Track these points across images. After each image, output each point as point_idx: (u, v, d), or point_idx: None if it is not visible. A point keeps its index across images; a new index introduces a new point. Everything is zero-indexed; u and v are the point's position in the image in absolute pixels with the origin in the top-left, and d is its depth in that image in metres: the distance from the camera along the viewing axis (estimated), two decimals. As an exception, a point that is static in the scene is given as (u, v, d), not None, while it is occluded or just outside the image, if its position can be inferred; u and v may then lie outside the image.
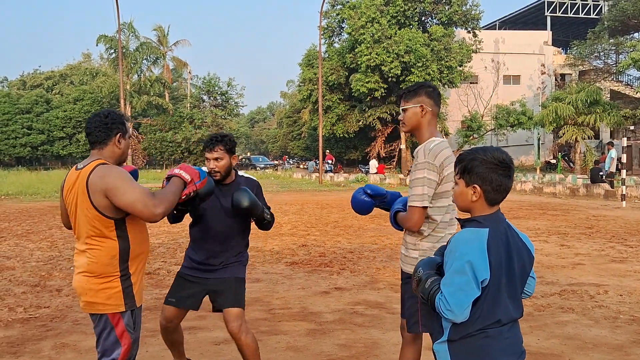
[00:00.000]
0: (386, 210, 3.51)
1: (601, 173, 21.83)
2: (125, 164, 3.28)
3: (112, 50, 49.29)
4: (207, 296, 3.89)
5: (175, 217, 3.80)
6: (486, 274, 2.09)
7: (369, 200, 3.48)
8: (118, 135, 3.02)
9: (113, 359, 3.00)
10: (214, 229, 3.80)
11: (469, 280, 2.07)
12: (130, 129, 3.02)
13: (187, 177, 3.06)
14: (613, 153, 21.35)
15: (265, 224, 3.89)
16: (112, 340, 2.98)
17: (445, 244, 3.12)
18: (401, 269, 3.33)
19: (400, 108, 3.33)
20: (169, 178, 3.09)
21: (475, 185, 2.21)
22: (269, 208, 3.91)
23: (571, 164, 34.38)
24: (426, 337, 5.00)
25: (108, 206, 2.84)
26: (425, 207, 3.10)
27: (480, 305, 2.12)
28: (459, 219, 2.37)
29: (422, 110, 3.24)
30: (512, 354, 2.18)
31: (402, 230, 3.32)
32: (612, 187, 20.49)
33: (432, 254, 2.85)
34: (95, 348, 3.09)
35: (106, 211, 2.85)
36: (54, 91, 62.69)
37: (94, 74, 57.73)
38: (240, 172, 4.00)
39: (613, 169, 21.43)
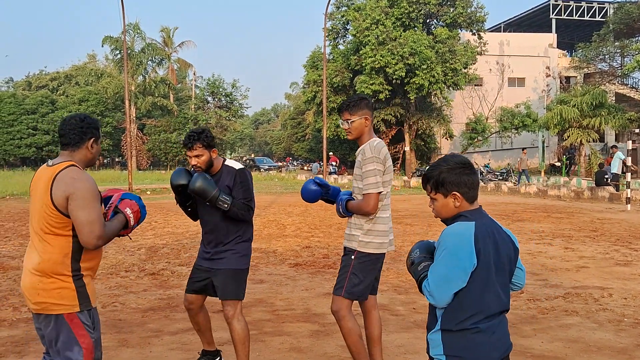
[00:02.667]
0: (328, 202, 4.11)
1: (606, 176, 21.77)
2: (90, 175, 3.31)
3: (117, 52, 49.35)
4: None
5: (192, 214, 4.25)
6: (473, 261, 2.24)
7: (318, 189, 4.04)
8: (92, 140, 3.05)
9: None
10: (204, 217, 4.12)
11: (453, 270, 2.24)
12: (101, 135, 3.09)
13: (132, 219, 3.11)
14: (620, 155, 21.26)
15: (231, 213, 3.94)
16: (71, 342, 2.87)
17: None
18: (345, 246, 3.92)
19: (345, 119, 3.88)
20: (115, 211, 3.10)
21: (455, 192, 2.37)
22: (247, 199, 4.00)
23: (571, 167, 34.29)
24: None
25: (67, 207, 2.86)
26: (379, 192, 3.72)
27: (472, 291, 2.26)
28: (443, 219, 2.49)
29: (366, 120, 3.87)
30: (501, 348, 2.32)
31: (350, 216, 3.88)
32: (617, 190, 20.43)
33: (368, 234, 3.75)
34: (46, 354, 2.98)
35: (65, 211, 2.86)
36: (59, 92, 62.79)
37: (99, 75, 57.84)
38: (228, 161, 4.14)
39: (619, 172, 21.34)
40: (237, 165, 4.09)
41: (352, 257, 3.78)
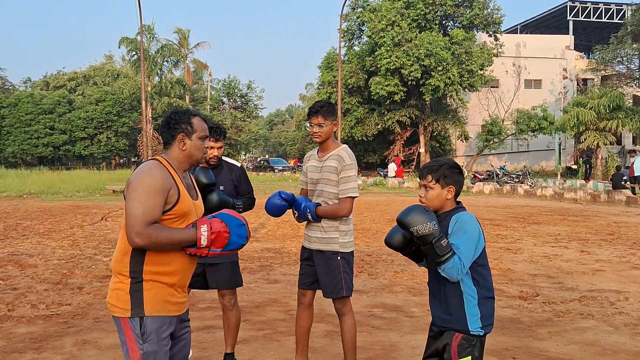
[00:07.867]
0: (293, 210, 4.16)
1: (624, 178, 21.53)
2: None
3: (134, 53, 49.71)
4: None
5: None
6: (483, 242, 2.74)
7: (284, 204, 4.07)
8: (180, 135, 2.80)
9: None
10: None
11: (474, 250, 2.68)
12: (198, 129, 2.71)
13: (204, 242, 2.61)
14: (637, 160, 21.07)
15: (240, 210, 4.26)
16: (125, 348, 2.70)
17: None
18: (320, 250, 4.07)
19: (317, 123, 3.97)
20: (194, 223, 2.69)
21: (452, 186, 2.80)
22: (250, 193, 4.48)
23: (589, 171, 33.97)
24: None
25: None
26: (355, 197, 4.00)
27: (486, 265, 2.75)
28: (437, 212, 2.85)
29: (335, 126, 4.06)
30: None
31: (317, 221, 4.02)
32: (634, 193, 20.22)
33: (346, 235, 4.05)
34: None
35: None
36: (76, 92, 63.26)
37: (116, 76, 58.25)
38: (225, 158, 4.47)
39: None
40: (237, 163, 4.50)
41: (338, 258, 4.05)
